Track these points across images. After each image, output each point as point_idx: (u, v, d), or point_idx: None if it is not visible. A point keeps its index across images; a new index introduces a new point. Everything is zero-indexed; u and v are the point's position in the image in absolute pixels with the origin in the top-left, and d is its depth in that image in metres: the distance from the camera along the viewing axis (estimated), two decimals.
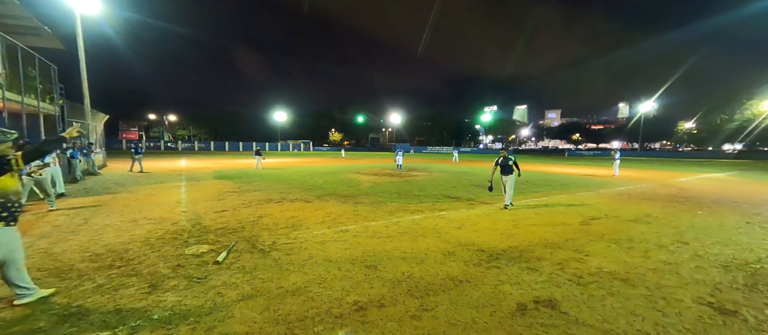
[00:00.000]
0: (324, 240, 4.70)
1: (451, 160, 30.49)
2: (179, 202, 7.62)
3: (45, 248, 4.25)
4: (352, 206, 7.30)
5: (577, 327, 2.54)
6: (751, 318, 2.70)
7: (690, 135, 63.90)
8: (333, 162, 25.97)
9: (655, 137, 73.50)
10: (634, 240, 4.90)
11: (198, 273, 3.47)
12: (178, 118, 72.12)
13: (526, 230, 5.38)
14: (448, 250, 4.30)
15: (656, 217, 6.51)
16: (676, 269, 3.76)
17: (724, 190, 10.86)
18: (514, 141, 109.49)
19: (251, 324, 2.51)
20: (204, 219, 5.95)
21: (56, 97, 14.18)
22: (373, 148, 66.22)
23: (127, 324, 2.48)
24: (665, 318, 2.70)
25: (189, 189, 9.88)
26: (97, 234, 4.94)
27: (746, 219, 6.39)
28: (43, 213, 6.31)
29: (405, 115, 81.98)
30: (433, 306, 2.83)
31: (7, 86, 10.26)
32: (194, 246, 4.34)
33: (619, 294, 3.11)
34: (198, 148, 57.18)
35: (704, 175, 16.70)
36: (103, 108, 24.38)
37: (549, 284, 3.29)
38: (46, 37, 13.03)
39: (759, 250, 4.48)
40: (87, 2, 15.41)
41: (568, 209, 7.24)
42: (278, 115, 65.51)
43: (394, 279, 3.38)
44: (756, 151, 47.58)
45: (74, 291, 3.03)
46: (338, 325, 2.52)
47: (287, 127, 71.10)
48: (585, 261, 3.95)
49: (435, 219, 6.14)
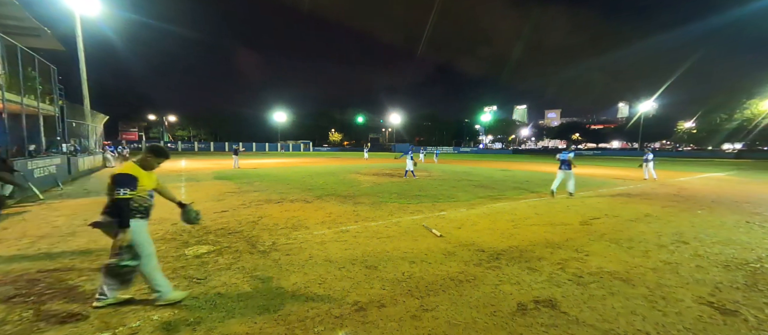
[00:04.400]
0: (324, 240, 4.70)
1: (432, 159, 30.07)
2: None
3: (45, 249, 4.25)
4: (352, 206, 7.30)
5: (577, 326, 2.54)
6: (751, 318, 2.70)
7: (690, 134, 63.87)
8: (332, 162, 25.97)
9: (655, 137, 73.51)
10: (634, 239, 4.90)
11: (198, 273, 3.47)
12: (178, 118, 72.15)
13: (526, 230, 5.38)
14: (448, 250, 4.30)
15: (656, 217, 6.51)
16: (676, 268, 3.76)
17: (724, 190, 10.86)
18: (514, 141, 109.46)
19: (251, 325, 2.51)
20: (204, 219, 5.95)
21: (56, 98, 14.19)
22: (373, 148, 66.14)
23: (127, 325, 2.48)
24: (665, 317, 2.70)
25: (189, 189, 9.88)
26: (96, 234, 4.93)
27: (746, 219, 6.40)
28: (39, 212, 6.30)
29: (405, 115, 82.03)
30: (434, 306, 2.83)
31: (6, 87, 10.26)
32: (194, 247, 4.34)
33: (620, 293, 3.11)
34: (198, 149, 57.21)
35: (704, 175, 16.71)
36: (102, 108, 24.40)
37: (549, 284, 3.29)
38: (46, 38, 13.04)
39: (759, 250, 4.48)
40: (86, 3, 15.42)
41: (568, 209, 7.24)
42: (278, 115, 65.56)
43: (394, 279, 3.38)
44: (756, 150, 47.59)
45: (74, 292, 3.02)
46: (338, 325, 2.52)
47: (287, 128, 71.10)
48: (585, 261, 3.95)
49: (435, 219, 6.14)
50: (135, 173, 2.62)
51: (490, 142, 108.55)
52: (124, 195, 2.50)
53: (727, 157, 44.74)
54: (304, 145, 64.85)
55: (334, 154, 47.75)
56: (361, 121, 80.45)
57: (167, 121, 70.98)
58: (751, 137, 48.53)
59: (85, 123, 17.52)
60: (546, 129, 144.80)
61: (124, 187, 2.50)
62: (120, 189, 2.49)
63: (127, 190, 2.51)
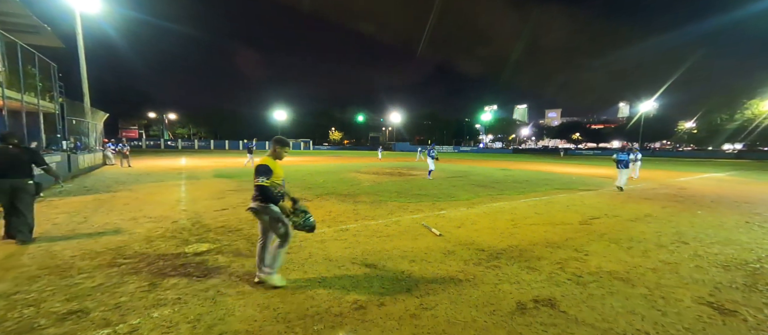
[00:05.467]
0: (324, 238, 4.71)
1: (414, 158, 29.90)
2: (179, 201, 7.62)
3: (45, 246, 4.25)
4: (352, 205, 7.30)
5: (576, 326, 2.54)
6: (750, 318, 2.70)
7: (690, 135, 63.82)
8: (332, 161, 25.97)
9: (656, 137, 73.47)
10: (634, 239, 4.90)
11: (198, 271, 3.48)
12: (178, 116, 72.10)
13: (525, 229, 5.38)
14: (448, 249, 4.30)
15: (656, 217, 6.51)
16: (675, 268, 3.76)
17: (724, 190, 10.86)
18: (515, 140, 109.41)
19: (251, 323, 2.51)
20: (204, 217, 5.96)
21: (56, 96, 14.18)
22: (373, 147, 66.09)
23: (127, 322, 2.49)
24: (665, 317, 2.70)
25: (189, 187, 9.89)
26: (97, 232, 4.94)
27: (746, 219, 6.40)
28: (39, 209, 6.31)
29: (405, 114, 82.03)
30: (433, 305, 2.83)
31: (6, 84, 10.26)
32: (194, 245, 4.34)
33: (619, 293, 3.12)
34: (198, 147, 57.18)
35: (704, 175, 16.70)
36: (102, 106, 24.37)
37: (549, 283, 3.30)
38: (46, 35, 13.02)
39: (758, 250, 4.48)
40: (87, 0, 15.39)
41: (568, 208, 7.24)
42: (278, 113, 65.50)
43: (393, 278, 3.38)
44: (756, 150, 47.55)
45: (74, 289, 3.03)
46: (338, 324, 2.52)
47: (287, 126, 71.04)
48: (585, 261, 3.95)
49: (435, 218, 6.14)
50: (270, 164, 3.03)
51: (490, 142, 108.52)
52: (263, 182, 2.94)
53: (728, 158, 44.73)
54: (304, 143, 64.85)
55: (335, 153, 47.72)
56: (361, 119, 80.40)
57: (167, 119, 70.92)
58: (752, 137, 48.50)
59: (85, 120, 17.51)
60: (546, 128, 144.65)
61: (262, 176, 2.95)
62: (259, 177, 2.95)
63: (264, 178, 2.94)
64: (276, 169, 3.06)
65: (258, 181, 2.95)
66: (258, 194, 3.00)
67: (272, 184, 3.00)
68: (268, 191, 2.95)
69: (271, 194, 2.96)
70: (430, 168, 13.00)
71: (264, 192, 2.95)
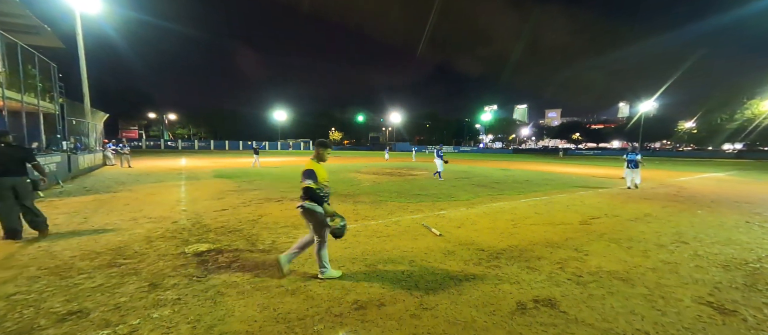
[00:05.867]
0: None
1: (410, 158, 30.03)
2: (179, 201, 7.62)
3: (45, 246, 4.25)
4: (352, 205, 7.30)
5: (576, 326, 2.54)
6: (750, 318, 2.70)
7: (690, 134, 63.81)
8: (332, 161, 25.97)
9: (656, 137, 73.48)
10: (634, 239, 4.90)
11: (198, 271, 3.48)
12: (178, 116, 72.08)
13: (525, 229, 5.38)
14: (448, 249, 4.30)
15: (656, 217, 6.51)
16: (675, 268, 3.76)
17: (724, 190, 10.86)
18: (515, 140, 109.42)
19: (251, 323, 2.51)
20: (204, 218, 5.96)
21: (56, 96, 14.17)
22: (372, 147, 66.11)
23: (127, 323, 2.49)
24: (664, 317, 2.70)
25: (189, 188, 9.89)
26: (97, 232, 4.94)
27: (746, 219, 6.40)
28: None
29: (405, 115, 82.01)
30: (433, 305, 2.83)
31: (7, 85, 10.25)
32: (194, 245, 4.34)
33: (619, 293, 3.12)
34: (198, 147, 57.17)
35: (704, 175, 16.70)
36: (102, 106, 24.38)
37: (549, 283, 3.30)
38: (46, 35, 13.00)
39: (758, 250, 4.48)
40: (87, 1, 15.38)
41: (568, 208, 7.24)
42: (278, 114, 65.49)
43: (393, 278, 3.38)
44: (756, 150, 47.54)
45: (74, 290, 3.03)
46: (338, 324, 2.52)
47: (287, 126, 71.09)
48: (585, 261, 3.95)
49: (435, 218, 6.14)
50: (315, 168, 3.14)
51: (490, 142, 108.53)
52: (311, 185, 3.07)
53: (728, 157, 44.73)
54: (304, 143, 64.84)
55: (335, 153, 47.73)
56: (361, 119, 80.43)
57: (167, 119, 70.91)
58: (752, 137, 48.49)
59: (85, 121, 17.51)
60: (546, 128, 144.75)
61: (308, 179, 3.08)
62: (306, 180, 3.08)
63: (310, 181, 3.08)
64: (320, 172, 3.18)
65: (305, 183, 3.08)
66: (306, 196, 3.14)
67: (318, 187, 3.12)
68: (315, 193, 3.07)
69: (318, 196, 3.09)
70: (438, 170, 12.89)
71: (312, 194, 3.08)
